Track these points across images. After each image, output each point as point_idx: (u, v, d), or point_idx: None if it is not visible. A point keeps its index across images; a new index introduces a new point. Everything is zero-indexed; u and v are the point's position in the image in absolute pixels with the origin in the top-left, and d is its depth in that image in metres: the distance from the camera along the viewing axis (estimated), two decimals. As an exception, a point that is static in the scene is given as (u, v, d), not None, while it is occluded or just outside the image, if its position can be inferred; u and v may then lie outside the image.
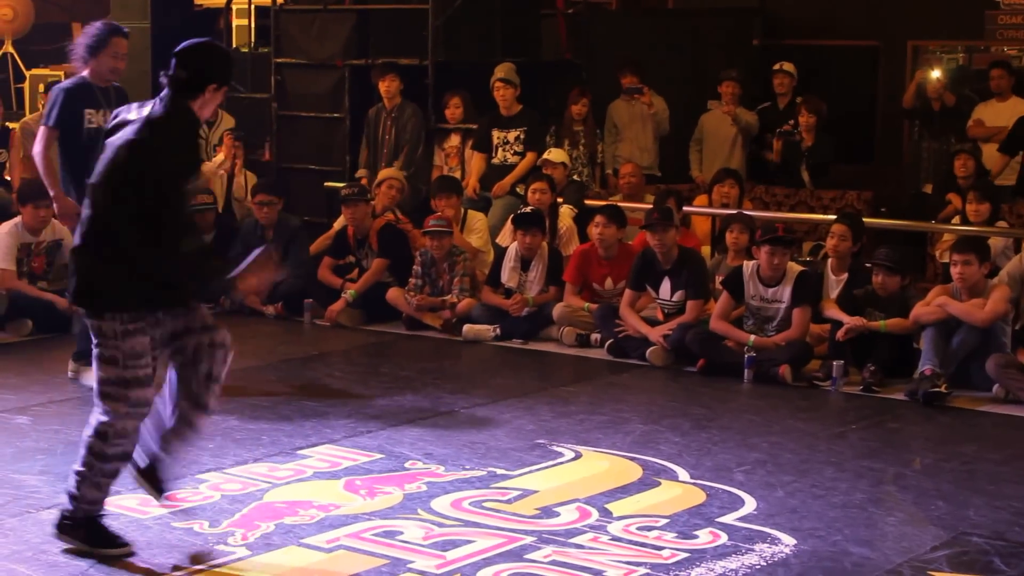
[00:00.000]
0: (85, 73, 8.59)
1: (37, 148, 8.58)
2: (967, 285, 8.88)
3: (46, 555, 5.69)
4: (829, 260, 9.81)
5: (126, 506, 6.29)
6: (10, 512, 6.22)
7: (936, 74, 13.53)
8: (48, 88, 13.08)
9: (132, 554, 5.71)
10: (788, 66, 13.32)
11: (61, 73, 16.22)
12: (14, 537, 5.91)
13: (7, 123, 12.56)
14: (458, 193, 11.35)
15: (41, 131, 8.59)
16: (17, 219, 10.44)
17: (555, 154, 11.74)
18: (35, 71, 16.80)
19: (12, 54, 17.45)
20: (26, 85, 16.68)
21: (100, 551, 5.68)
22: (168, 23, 14.11)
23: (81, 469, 5.68)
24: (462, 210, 11.35)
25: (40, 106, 14.03)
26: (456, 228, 11.01)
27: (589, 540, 6.00)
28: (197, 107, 5.73)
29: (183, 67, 5.70)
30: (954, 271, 8.96)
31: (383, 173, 11.78)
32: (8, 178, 12.20)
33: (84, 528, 5.72)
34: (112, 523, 5.83)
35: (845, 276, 9.57)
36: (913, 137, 13.85)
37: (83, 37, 8.62)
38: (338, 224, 11.56)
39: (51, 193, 8.65)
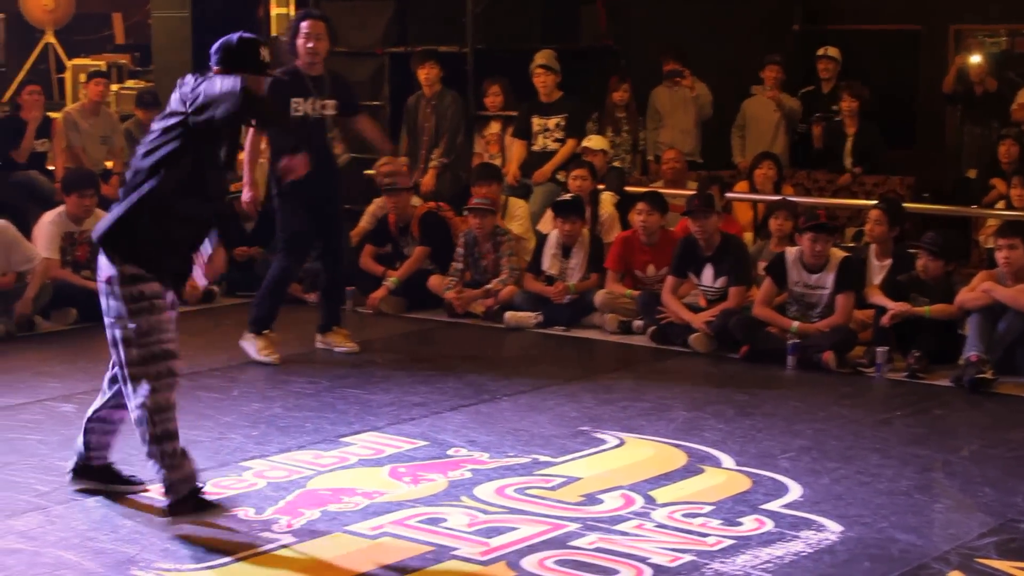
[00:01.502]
0: (297, 63, 8.89)
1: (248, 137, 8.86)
2: (1013, 270, 8.80)
3: (93, 542, 5.72)
4: (872, 246, 9.75)
5: (172, 493, 6.33)
6: (56, 499, 6.25)
7: (976, 59, 13.41)
8: (90, 78, 13.15)
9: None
10: (832, 51, 13.22)
11: (102, 62, 16.31)
12: (61, 524, 5.94)
13: (49, 113, 12.61)
14: (498, 180, 11.33)
15: None
16: (61, 208, 10.49)
17: (595, 141, 11.70)
18: (76, 61, 16.87)
19: (53, 44, 17.53)
20: (67, 75, 16.76)
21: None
22: (208, 12, 14.15)
23: None
24: (503, 197, 11.34)
25: (81, 96, 14.09)
26: (497, 215, 11.00)
27: (634, 527, 5.98)
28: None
29: None
30: (999, 256, 8.89)
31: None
32: (51, 168, 12.25)
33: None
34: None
35: (889, 262, 9.50)
36: (956, 122, 13.74)
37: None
38: (372, 208, 11.56)
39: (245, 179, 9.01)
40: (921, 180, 12.63)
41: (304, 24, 8.88)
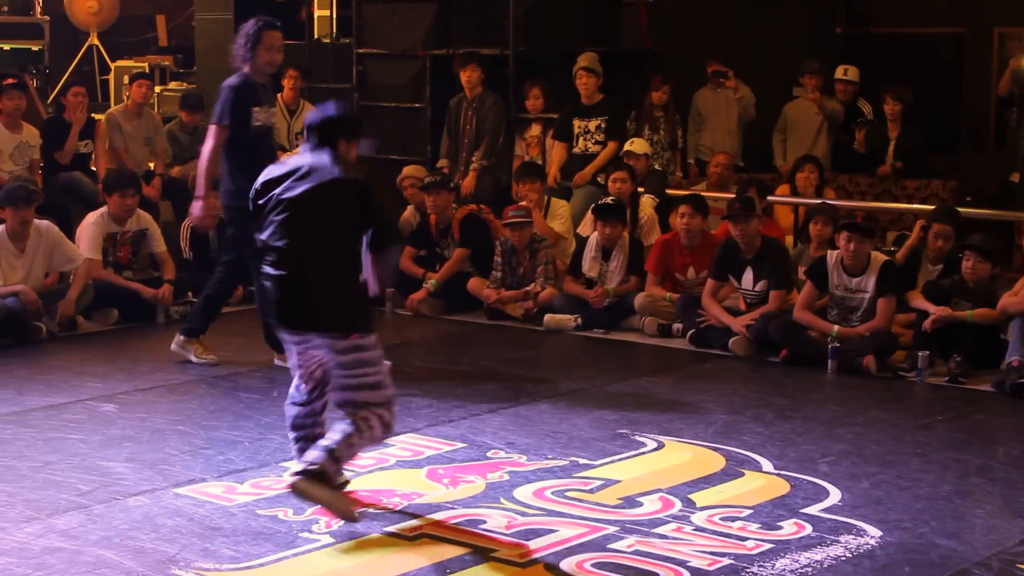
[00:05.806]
0: (247, 70, 8.68)
1: (208, 145, 8.62)
2: (1056, 275, 8.76)
3: (134, 541, 5.75)
4: (927, 250, 9.69)
5: (211, 493, 6.36)
6: (98, 499, 6.29)
7: None
8: (133, 80, 13.23)
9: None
10: (852, 73, 13.04)
11: (145, 64, 16.41)
12: (102, 523, 5.97)
13: (93, 114, 12.68)
14: (542, 178, 11.36)
15: (213, 130, 8.62)
16: (103, 209, 10.56)
17: (638, 145, 11.68)
18: (120, 63, 16.96)
19: (97, 46, 17.64)
20: (111, 77, 16.86)
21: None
22: (251, 15, 14.19)
23: None
24: (545, 197, 11.35)
25: (125, 97, 14.17)
26: (539, 213, 11.02)
27: (672, 530, 5.97)
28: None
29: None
30: (1043, 261, 8.85)
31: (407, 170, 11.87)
32: (94, 168, 12.32)
33: None
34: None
35: (940, 267, 9.47)
36: (1011, 124, 13.62)
37: (239, 36, 8.70)
38: (406, 214, 11.57)
39: (200, 192, 8.67)
40: (964, 184, 12.54)
41: (268, 34, 8.65)
